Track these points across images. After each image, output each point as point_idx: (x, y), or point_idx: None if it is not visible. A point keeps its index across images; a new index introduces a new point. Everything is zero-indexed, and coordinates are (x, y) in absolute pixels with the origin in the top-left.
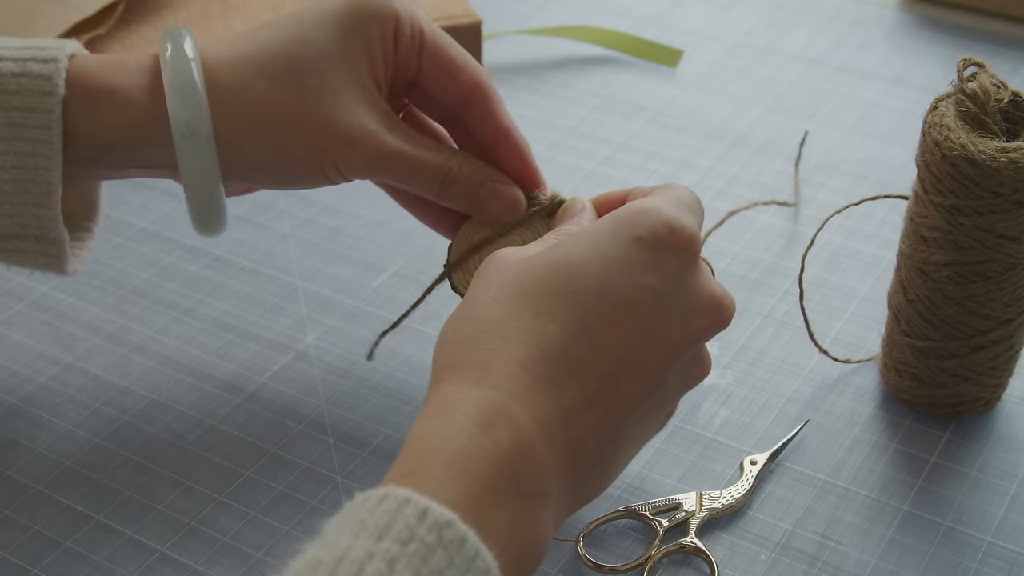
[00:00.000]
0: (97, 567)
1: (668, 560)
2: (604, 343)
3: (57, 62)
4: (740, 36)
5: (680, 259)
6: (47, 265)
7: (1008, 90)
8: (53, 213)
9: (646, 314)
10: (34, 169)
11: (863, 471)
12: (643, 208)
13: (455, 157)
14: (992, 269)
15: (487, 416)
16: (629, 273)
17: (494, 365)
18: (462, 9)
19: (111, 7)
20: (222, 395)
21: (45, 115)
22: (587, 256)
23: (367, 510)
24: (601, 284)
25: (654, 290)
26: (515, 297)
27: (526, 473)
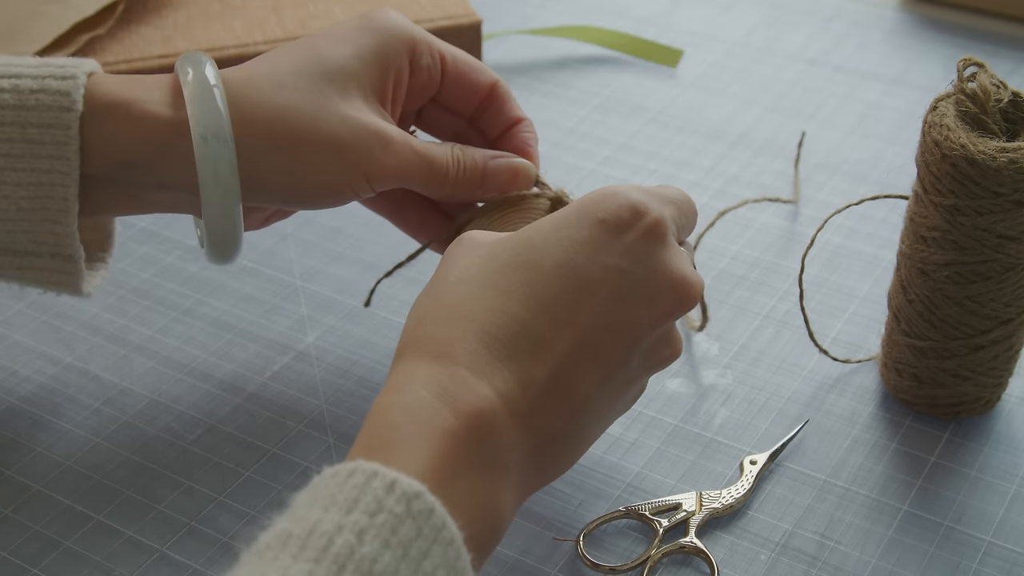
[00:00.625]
0: (97, 567)
1: (668, 560)
2: (565, 321)
3: (76, 79)
4: (740, 36)
5: (644, 240)
6: (62, 284)
7: (1008, 90)
8: (70, 230)
9: (608, 294)
10: (51, 186)
11: (863, 471)
12: (609, 192)
13: (454, 148)
14: (992, 269)
15: (447, 388)
16: (591, 254)
17: (454, 341)
18: (462, 9)
19: (111, 7)
20: (222, 395)
21: (63, 131)
22: (550, 237)
23: (336, 484)
24: (562, 263)
25: (616, 270)
26: (478, 277)
27: (487, 443)
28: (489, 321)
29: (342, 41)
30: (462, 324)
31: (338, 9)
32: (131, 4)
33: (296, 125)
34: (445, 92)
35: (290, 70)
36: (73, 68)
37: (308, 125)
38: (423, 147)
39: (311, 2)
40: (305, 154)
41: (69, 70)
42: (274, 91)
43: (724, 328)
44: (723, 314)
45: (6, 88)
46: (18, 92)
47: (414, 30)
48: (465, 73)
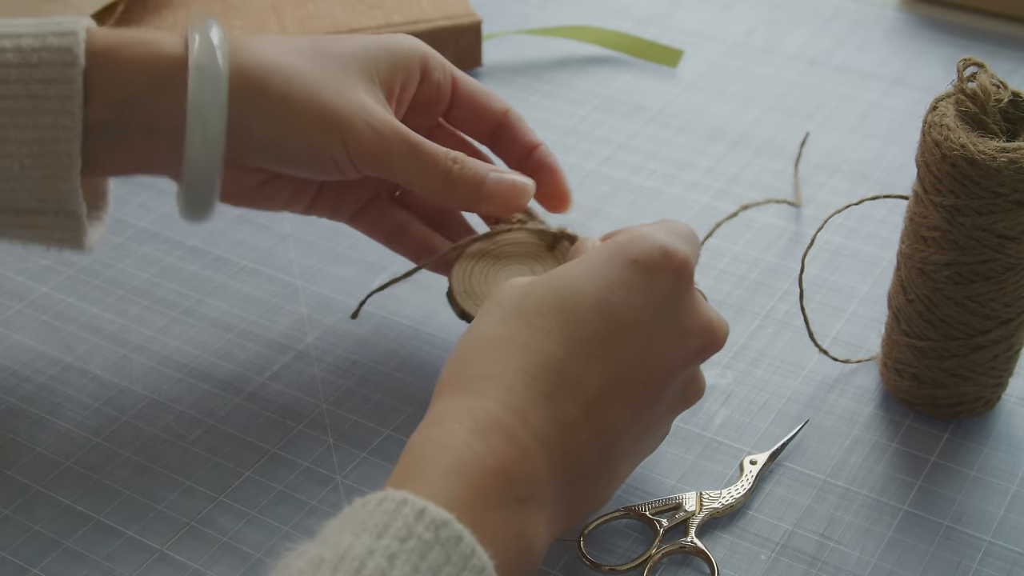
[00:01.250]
0: (97, 567)
1: (668, 560)
2: (600, 359)
3: (76, 34)
4: (740, 36)
5: (674, 282)
6: (65, 240)
7: (1008, 90)
8: (73, 186)
9: (641, 333)
10: (54, 142)
11: (863, 471)
12: (639, 234)
13: (456, 153)
14: (992, 269)
15: (481, 424)
16: (625, 294)
17: (491, 379)
18: (462, 9)
19: (111, 7)
20: (222, 395)
21: (67, 85)
22: (585, 277)
23: (366, 512)
24: (598, 303)
25: (649, 310)
26: (514, 316)
27: (519, 479)
28: (526, 359)
29: (349, 41)
30: (498, 362)
31: (338, 9)
32: (131, 4)
33: (287, 79)
34: (457, 114)
35: (298, 41)
36: (72, 24)
37: (299, 83)
38: (412, 135)
39: (311, 2)
40: (290, 107)
41: (68, 26)
42: (277, 51)
43: None
44: (723, 314)
45: (8, 48)
46: (20, 51)
47: (429, 50)
48: (477, 97)
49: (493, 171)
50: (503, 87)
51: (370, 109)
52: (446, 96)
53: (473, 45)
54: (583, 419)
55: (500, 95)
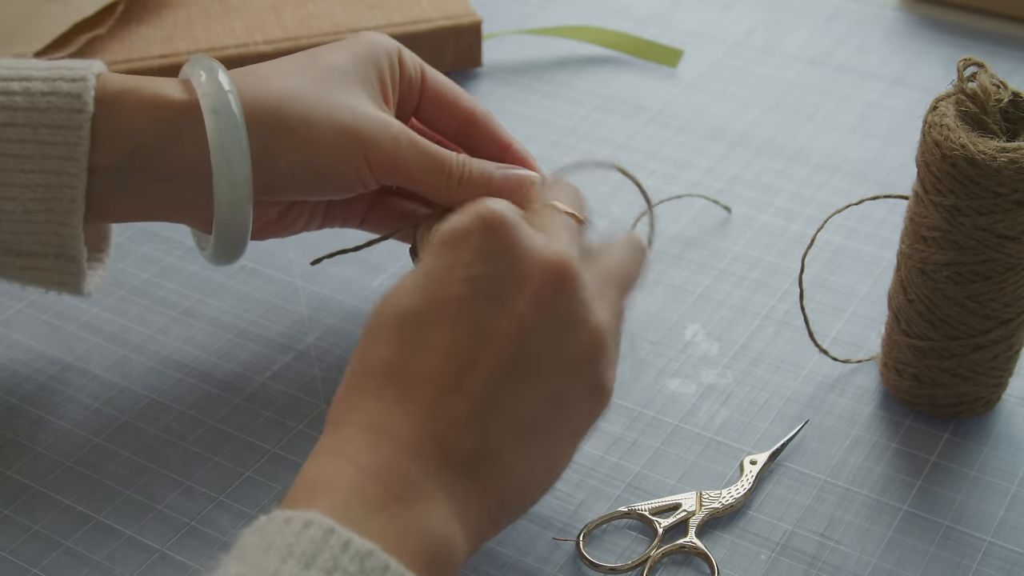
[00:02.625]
0: (97, 567)
1: (668, 560)
2: (432, 345)
3: (86, 80)
4: (740, 36)
5: (482, 237)
6: (64, 284)
7: (1008, 90)
8: (75, 231)
9: (464, 303)
10: (58, 187)
11: (863, 471)
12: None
13: (463, 156)
14: (992, 269)
15: (343, 445)
16: (438, 273)
17: (349, 408)
18: (462, 9)
19: (111, 7)
20: (222, 395)
21: (74, 132)
22: (408, 277)
23: (292, 534)
24: (415, 293)
25: (463, 278)
26: (360, 339)
27: (395, 481)
28: (369, 377)
29: (336, 48)
30: (354, 387)
31: (338, 10)
32: (131, 4)
33: (303, 105)
34: (426, 107)
35: (293, 66)
36: (83, 70)
37: (314, 106)
38: (424, 141)
39: (311, 2)
40: (311, 132)
41: (79, 72)
42: (280, 80)
43: (724, 328)
44: (723, 314)
45: (17, 91)
46: (30, 95)
47: (400, 45)
48: (444, 91)
49: (499, 168)
50: (503, 87)
51: (385, 120)
52: (417, 91)
53: (473, 45)
54: (442, 407)
55: (500, 95)
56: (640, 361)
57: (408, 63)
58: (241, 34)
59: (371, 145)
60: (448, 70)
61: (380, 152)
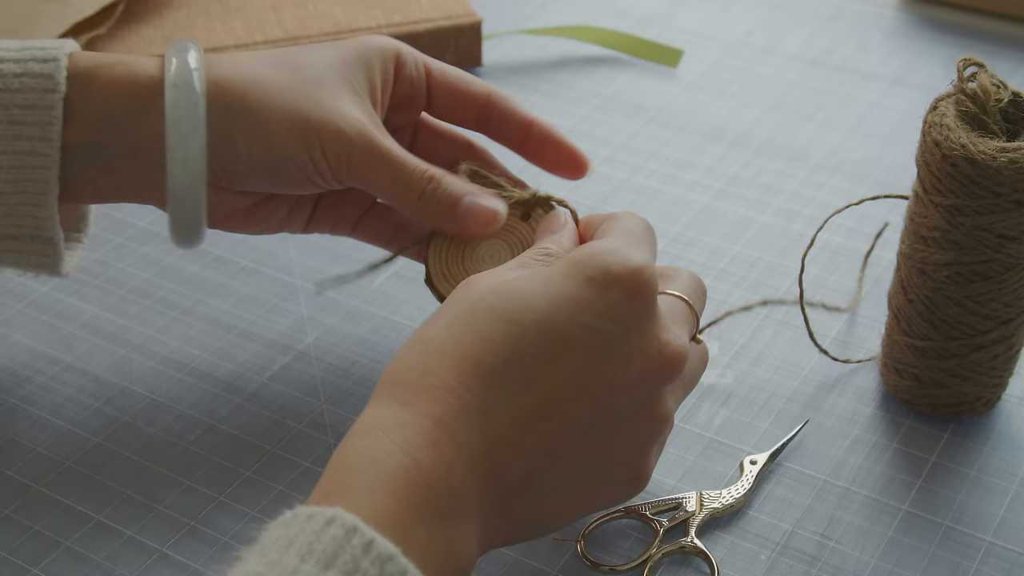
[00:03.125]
0: (97, 567)
1: (668, 560)
2: (538, 377)
3: (57, 61)
4: (740, 36)
5: (628, 299)
6: (41, 265)
7: (1008, 90)
8: (50, 212)
9: (583, 352)
10: (32, 168)
11: (863, 471)
12: (599, 250)
13: (438, 169)
14: (992, 269)
15: (409, 438)
16: (574, 311)
17: (424, 389)
18: (462, 9)
19: (111, 7)
20: (222, 395)
21: (46, 111)
22: (537, 291)
23: (312, 531)
24: (544, 318)
25: (596, 329)
26: (462, 321)
27: (443, 493)
28: (462, 368)
29: (326, 45)
30: (435, 369)
31: (338, 10)
32: (131, 4)
33: (266, 92)
34: (438, 104)
35: (275, 56)
36: (54, 50)
37: (279, 93)
38: (388, 148)
39: (311, 2)
40: (272, 117)
41: (51, 52)
42: (254, 65)
43: (724, 328)
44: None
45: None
46: (1, 76)
47: (399, 44)
48: (455, 84)
49: (469, 195)
50: (503, 87)
51: (348, 117)
52: (422, 90)
53: (473, 45)
54: (514, 436)
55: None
56: None
57: (408, 62)
58: (241, 34)
59: (328, 139)
60: None
61: (336, 148)
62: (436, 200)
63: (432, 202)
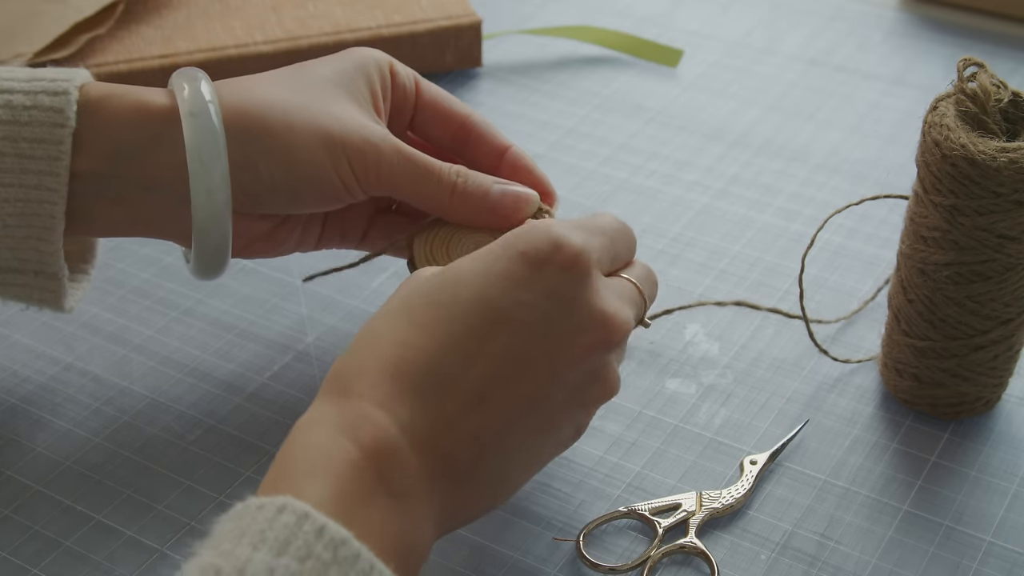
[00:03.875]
0: (97, 567)
1: (668, 560)
2: (474, 356)
3: (68, 94)
4: (740, 36)
5: (564, 275)
6: (44, 300)
7: (1008, 90)
8: (55, 248)
9: (521, 329)
10: (38, 203)
11: (863, 471)
12: (533, 226)
13: (459, 167)
14: (992, 269)
15: (349, 420)
16: (507, 287)
17: (362, 376)
18: (462, 9)
19: (111, 7)
20: (222, 395)
21: (55, 146)
22: (469, 269)
23: (265, 520)
24: (477, 298)
25: (531, 305)
26: (400, 310)
27: (389, 473)
28: (398, 356)
29: (324, 61)
30: (372, 359)
31: (338, 10)
32: (131, 4)
33: (285, 112)
34: (421, 117)
35: (278, 76)
36: (65, 83)
37: (297, 112)
38: (414, 152)
39: (311, 2)
40: (294, 138)
41: (61, 84)
42: (264, 89)
43: (724, 328)
44: (723, 314)
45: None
46: (11, 108)
47: (388, 56)
48: (439, 100)
49: (496, 183)
50: (503, 87)
51: (371, 128)
52: (412, 100)
53: (473, 45)
54: (458, 414)
55: (500, 95)
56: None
57: (400, 73)
58: (241, 34)
59: (355, 152)
60: (448, 70)
61: (364, 159)
62: (468, 193)
63: (465, 196)
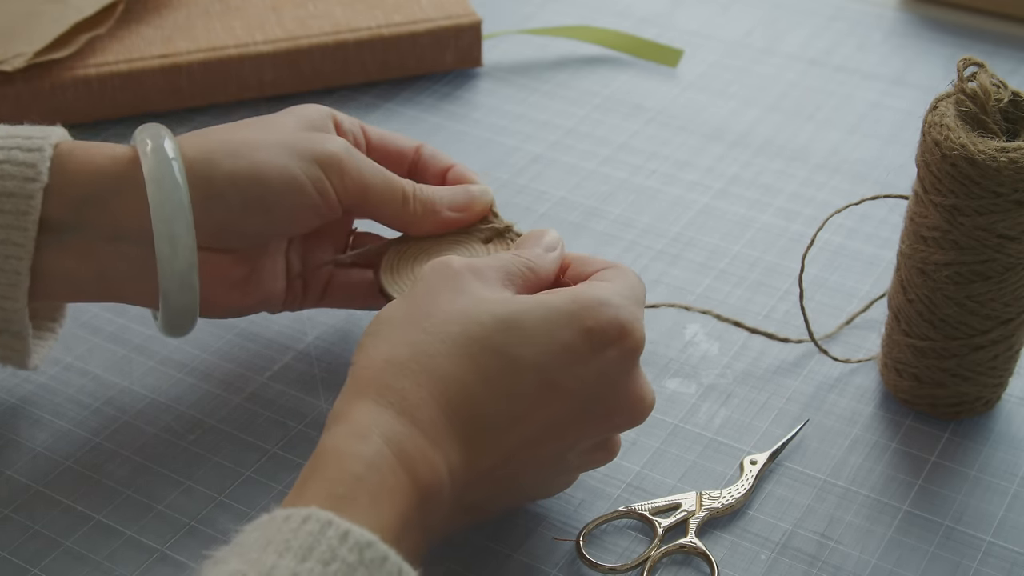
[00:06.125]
0: (97, 567)
1: (668, 560)
2: (524, 418)
3: (42, 151)
4: (740, 36)
5: (620, 359)
6: (7, 359)
7: (1008, 90)
8: (19, 305)
9: (570, 402)
10: (4, 258)
11: (863, 471)
12: (602, 300)
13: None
14: (992, 269)
15: (408, 452)
16: (567, 361)
17: (420, 404)
18: (462, 9)
19: (111, 7)
20: (222, 395)
21: (25, 200)
22: (538, 330)
23: (290, 530)
24: (541, 363)
25: (586, 382)
26: (458, 337)
27: (430, 512)
28: (457, 396)
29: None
30: (430, 388)
31: (338, 10)
32: (131, 4)
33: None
34: (375, 158)
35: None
36: (40, 140)
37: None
38: (378, 169)
39: (311, 2)
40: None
41: (36, 141)
42: (225, 131)
43: (724, 328)
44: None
45: None
46: None
47: (329, 109)
48: (388, 140)
49: (443, 188)
50: (503, 87)
51: (334, 139)
52: (361, 143)
53: (473, 45)
54: (490, 468)
55: (500, 95)
56: None
57: (344, 121)
58: (241, 34)
59: (324, 155)
60: (448, 70)
61: (333, 161)
62: (420, 201)
63: (421, 204)
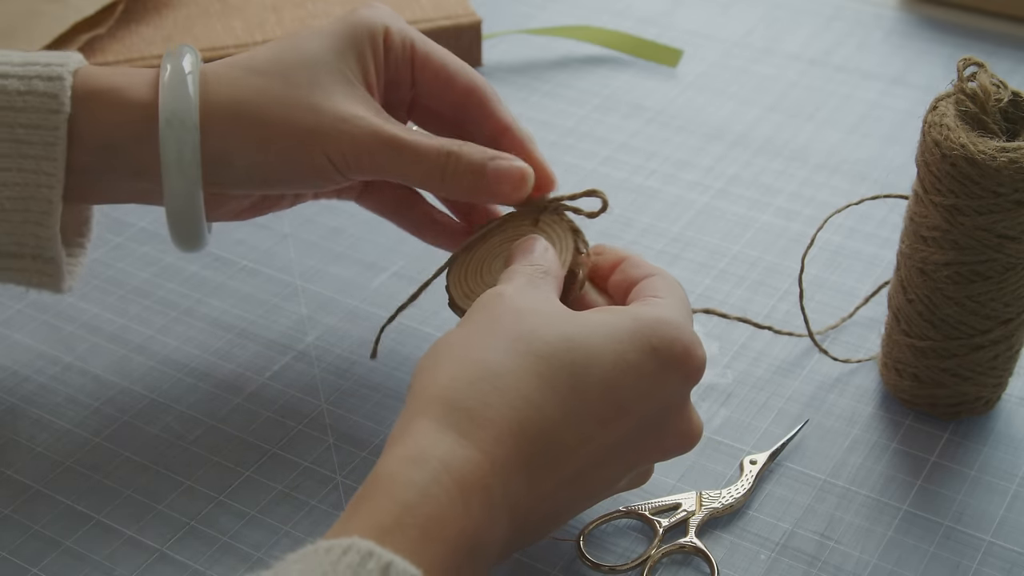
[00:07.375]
0: (97, 567)
1: (668, 560)
2: (591, 438)
3: (63, 79)
4: (740, 36)
5: (682, 383)
6: (43, 283)
7: (1008, 90)
8: (52, 232)
9: (637, 425)
10: (36, 187)
11: (863, 471)
12: (666, 320)
13: (454, 142)
14: (992, 269)
15: (468, 481)
16: (636, 382)
17: (485, 424)
18: (462, 9)
19: (111, 7)
20: (222, 395)
21: (50, 132)
22: (605, 349)
23: (330, 562)
24: (609, 381)
25: (649, 404)
26: (526, 356)
27: (483, 543)
28: (525, 414)
29: (319, 34)
30: (497, 406)
31: (338, 10)
32: (131, 4)
33: (260, 107)
34: (420, 86)
35: (267, 58)
36: (59, 68)
37: (269, 107)
38: (396, 135)
39: (311, 2)
40: (267, 133)
41: (55, 70)
42: (247, 78)
43: (724, 328)
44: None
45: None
46: (6, 93)
47: (389, 21)
48: (439, 69)
49: (492, 159)
50: (503, 87)
51: (348, 114)
52: (408, 73)
53: (473, 45)
54: (551, 492)
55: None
56: None
57: (396, 43)
58: (241, 34)
59: (330, 142)
60: None
61: (340, 148)
62: (461, 173)
63: (458, 176)
